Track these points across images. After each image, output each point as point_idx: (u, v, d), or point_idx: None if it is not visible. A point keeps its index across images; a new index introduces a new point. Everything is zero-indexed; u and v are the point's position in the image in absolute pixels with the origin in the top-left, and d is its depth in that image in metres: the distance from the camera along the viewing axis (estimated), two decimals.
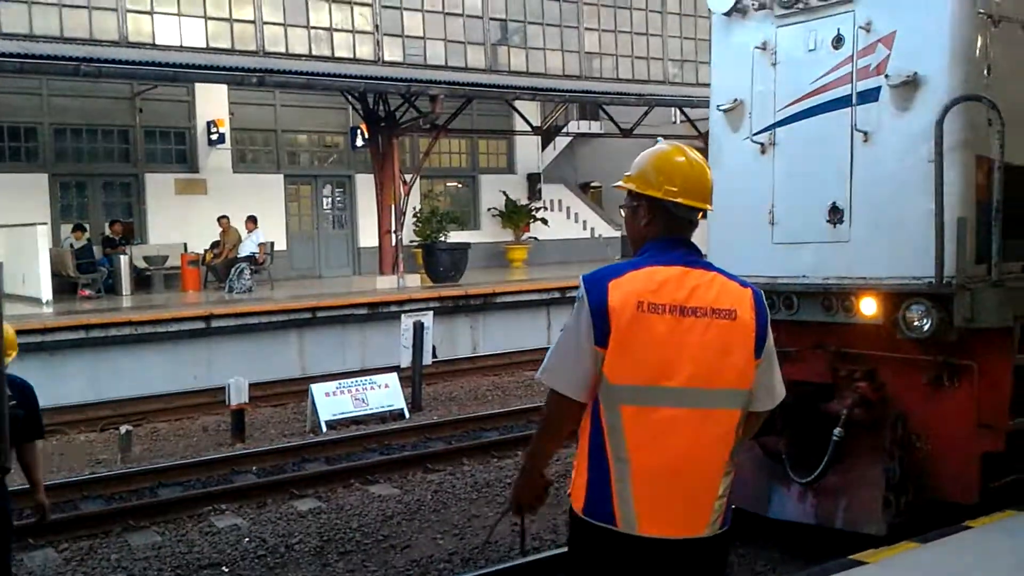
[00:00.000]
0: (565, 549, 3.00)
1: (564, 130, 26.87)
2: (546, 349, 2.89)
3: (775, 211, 6.07)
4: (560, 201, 27.07)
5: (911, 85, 5.41)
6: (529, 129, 23.33)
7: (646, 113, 22.85)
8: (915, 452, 5.50)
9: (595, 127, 27.35)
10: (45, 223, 17.37)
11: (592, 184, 30.12)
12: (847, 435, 5.53)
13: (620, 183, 2.94)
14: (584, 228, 27.73)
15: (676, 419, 2.68)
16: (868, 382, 5.61)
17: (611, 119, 23.13)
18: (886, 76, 5.50)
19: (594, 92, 21.94)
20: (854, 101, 5.68)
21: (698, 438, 2.70)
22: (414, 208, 21.92)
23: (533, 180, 26.51)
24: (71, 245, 18.43)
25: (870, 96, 5.61)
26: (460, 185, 26.25)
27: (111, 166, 20.73)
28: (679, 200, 2.81)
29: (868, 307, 5.50)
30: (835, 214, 5.75)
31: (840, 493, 5.70)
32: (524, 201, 25.78)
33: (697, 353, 2.68)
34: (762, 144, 6.14)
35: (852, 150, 5.68)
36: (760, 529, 6.12)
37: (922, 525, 5.21)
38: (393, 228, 19.19)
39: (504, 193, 25.29)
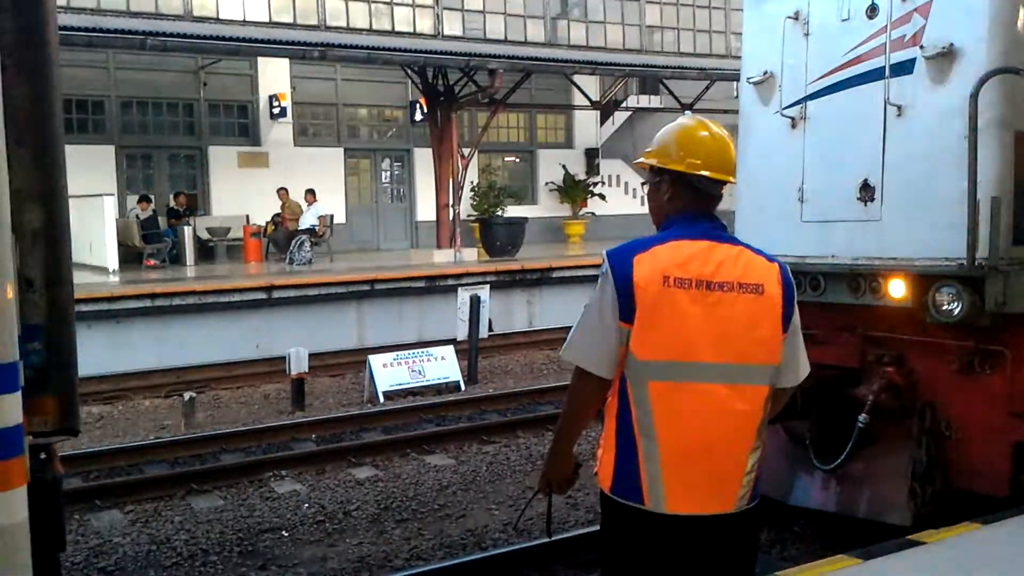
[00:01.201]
0: (590, 529, 3.00)
1: (623, 105, 26.66)
2: None
3: (804, 188, 5.87)
4: (618, 176, 26.90)
5: (947, 57, 5.16)
6: (588, 104, 23.20)
7: (707, 88, 22.57)
8: (944, 441, 5.29)
9: (655, 102, 27.07)
10: (112, 194, 17.76)
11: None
12: (873, 422, 5.33)
13: (641, 159, 2.92)
14: (642, 204, 27.47)
15: (705, 394, 2.65)
16: (896, 367, 5.40)
17: (671, 93, 22.90)
18: (921, 47, 5.25)
19: (654, 66, 21.71)
20: (887, 74, 5.44)
21: (727, 414, 2.67)
22: (472, 182, 21.97)
23: (591, 155, 26.38)
24: (136, 216, 18.82)
25: (904, 68, 5.37)
26: (518, 160, 26.23)
27: (176, 139, 21.10)
28: (703, 173, 2.77)
29: (897, 289, 5.27)
30: (866, 192, 5.53)
31: (864, 481, 5.52)
32: (582, 176, 25.68)
33: (725, 328, 2.65)
34: (792, 118, 5.94)
35: (885, 125, 5.44)
36: (790, 513, 6.07)
37: (950, 516, 5.02)
38: (451, 202, 19.27)
39: (564, 167, 25.21)
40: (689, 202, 2.80)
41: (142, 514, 7.15)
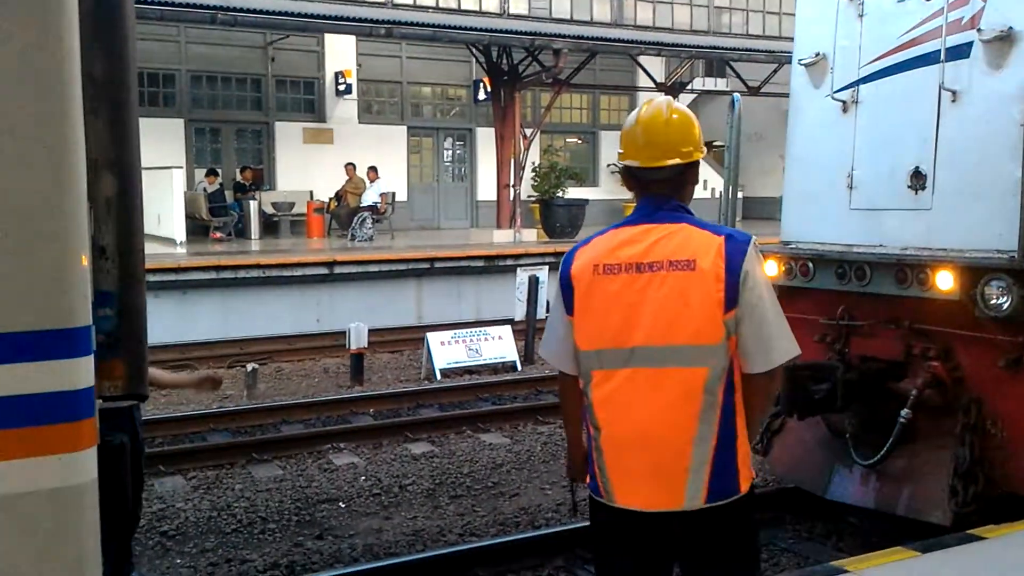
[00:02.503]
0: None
1: (689, 87, 26.35)
2: None
3: (854, 174, 5.70)
4: None
5: (1006, 40, 4.96)
6: (653, 85, 22.96)
7: (775, 71, 22.18)
8: (989, 439, 5.06)
9: (721, 84, 26.70)
10: (180, 167, 18.10)
11: (715, 144, 29.51)
12: (916, 417, 5.19)
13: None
14: (704, 188, 27.24)
15: (637, 380, 2.58)
16: (942, 361, 5.20)
17: (738, 76, 22.56)
18: (979, 30, 5.05)
19: (721, 48, 21.43)
20: (943, 57, 5.24)
21: (658, 400, 2.56)
22: (533, 163, 21.94)
23: None
24: (204, 189, 19.15)
25: (961, 52, 5.17)
26: (580, 141, 26.11)
27: (243, 114, 21.39)
28: (624, 161, 2.80)
29: (944, 281, 5.04)
30: (917, 179, 5.36)
31: (904, 478, 5.36)
32: None
33: (656, 309, 2.56)
34: (844, 102, 5.77)
35: (939, 111, 5.26)
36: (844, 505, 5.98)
37: (991, 517, 4.84)
38: (512, 182, 19.26)
39: None
40: (636, 190, 2.80)
41: (204, 481, 7.31)
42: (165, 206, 16.95)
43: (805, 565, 5.39)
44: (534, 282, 12.32)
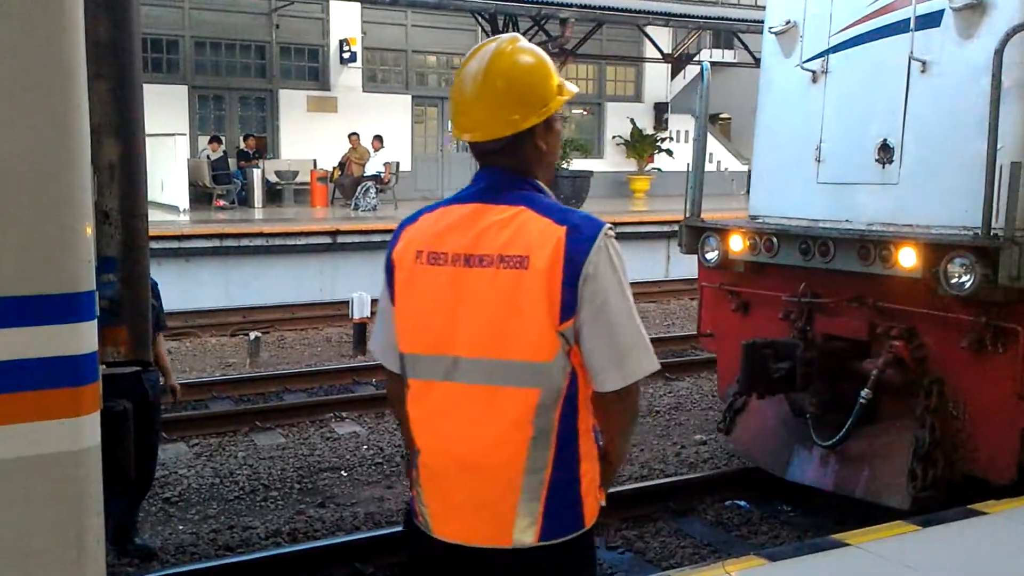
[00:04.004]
0: None
1: (696, 58, 26.19)
2: (663, 282, 2.56)
3: (823, 147, 5.55)
4: (687, 132, 26.50)
5: (977, 8, 4.79)
6: (659, 56, 22.83)
7: None
8: (950, 422, 4.95)
9: (729, 56, 26.53)
10: (184, 134, 18.05)
11: (721, 116, 29.38)
12: (879, 398, 5.08)
13: None
14: (710, 161, 27.12)
15: (457, 397, 2.14)
16: (905, 341, 5.05)
17: (746, 48, 22.39)
18: None
19: (730, 19, 21.26)
20: (913, 26, 5.07)
21: (483, 423, 2.12)
22: None
23: (660, 110, 26.01)
24: (207, 156, 19.11)
25: (932, 21, 5.00)
26: (585, 112, 25.99)
27: (247, 81, 21.29)
28: (455, 135, 2.26)
29: (907, 258, 4.85)
30: (885, 153, 5.21)
31: (864, 460, 5.25)
32: (650, 131, 25.37)
33: (481, 315, 2.09)
34: (813, 72, 5.60)
35: (908, 82, 5.09)
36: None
37: (953, 501, 4.77)
38: None
39: (632, 121, 24.92)
40: (477, 158, 2.26)
41: (207, 448, 7.34)
42: (168, 173, 16.92)
43: (806, 538, 5.41)
44: None
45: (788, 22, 5.81)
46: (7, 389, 2.08)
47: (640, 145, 24.94)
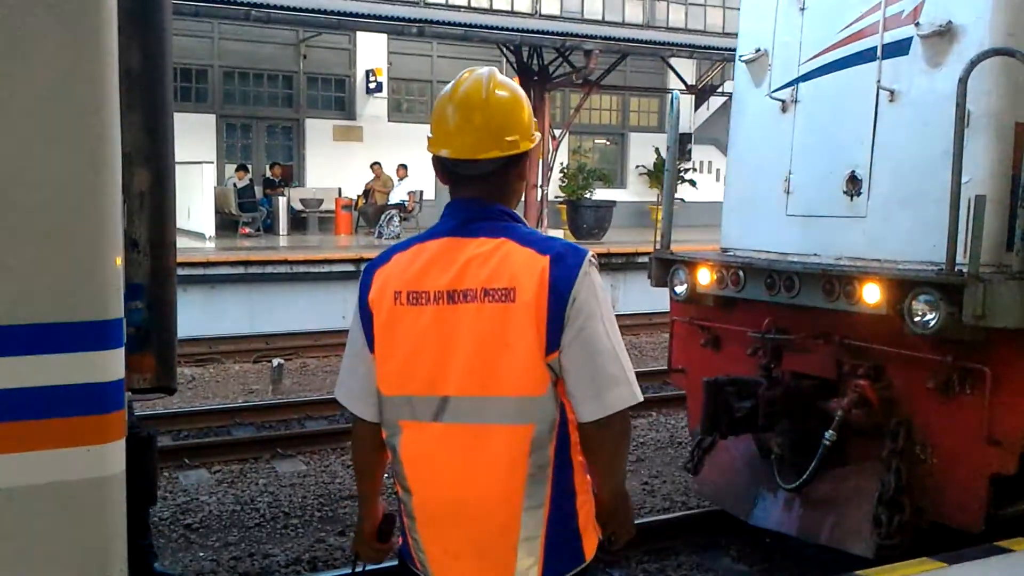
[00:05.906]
0: None
1: (720, 89, 26.24)
2: None
3: (792, 179, 5.38)
4: (710, 163, 26.53)
5: (945, 36, 4.62)
6: (683, 87, 22.88)
7: None
8: (917, 465, 4.70)
9: None
10: (211, 162, 18.25)
11: None
12: (845, 440, 4.87)
13: None
14: (718, 179, 27.17)
15: (448, 437, 2.12)
16: (871, 381, 4.82)
17: None
18: (917, 24, 4.71)
19: None
20: (880, 54, 4.92)
21: (477, 463, 2.09)
22: (561, 164, 21.91)
23: (683, 140, 25.99)
24: (234, 184, 19.28)
25: (899, 49, 4.82)
26: (608, 143, 26.06)
27: (274, 110, 21.54)
28: (434, 151, 2.23)
29: (871, 294, 4.61)
30: (853, 185, 5.04)
31: (829, 505, 5.04)
32: None
33: (469, 351, 2.07)
34: (783, 101, 5.44)
35: (876, 112, 4.93)
36: None
37: (919, 549, 4.56)
38: (539, 183, 19.26)
39: (656, 150, 24.95)
40: (451, 189, 2.25)
41: (228, 474, 7.35)
42: (195, 201, 17.09)
43: (828, 573, 5.34)
44: None
45: (758, 50, 5.66)
46: (36, 416, 2.10)
47: (663, 175, 24.91)
